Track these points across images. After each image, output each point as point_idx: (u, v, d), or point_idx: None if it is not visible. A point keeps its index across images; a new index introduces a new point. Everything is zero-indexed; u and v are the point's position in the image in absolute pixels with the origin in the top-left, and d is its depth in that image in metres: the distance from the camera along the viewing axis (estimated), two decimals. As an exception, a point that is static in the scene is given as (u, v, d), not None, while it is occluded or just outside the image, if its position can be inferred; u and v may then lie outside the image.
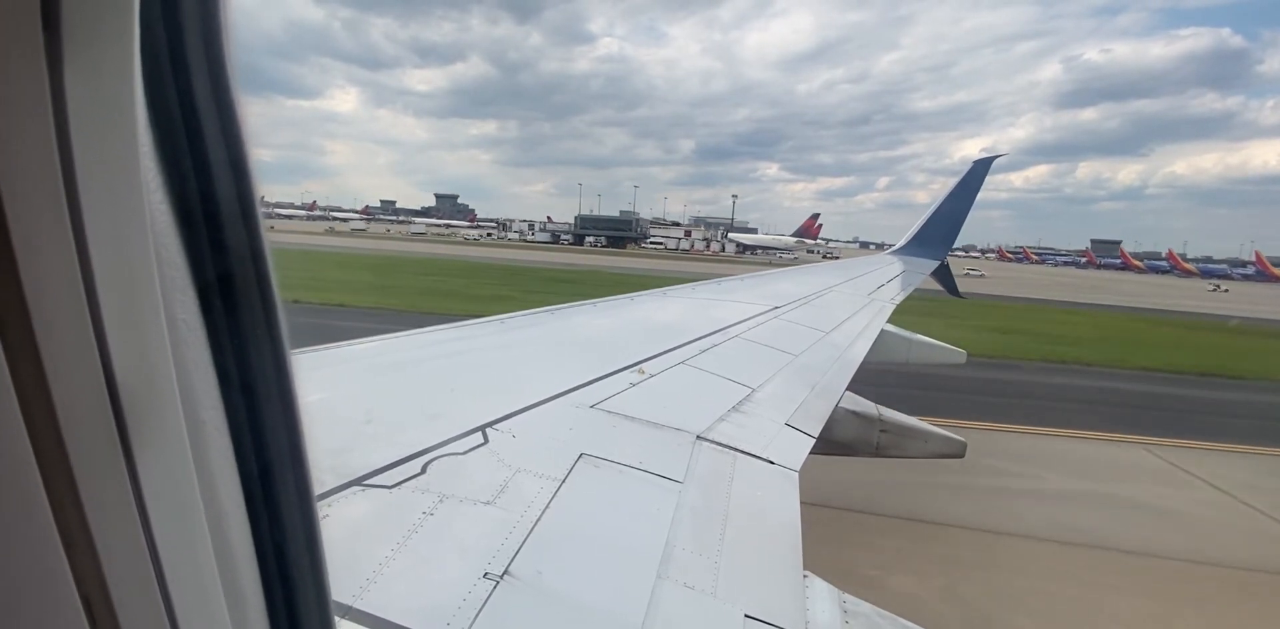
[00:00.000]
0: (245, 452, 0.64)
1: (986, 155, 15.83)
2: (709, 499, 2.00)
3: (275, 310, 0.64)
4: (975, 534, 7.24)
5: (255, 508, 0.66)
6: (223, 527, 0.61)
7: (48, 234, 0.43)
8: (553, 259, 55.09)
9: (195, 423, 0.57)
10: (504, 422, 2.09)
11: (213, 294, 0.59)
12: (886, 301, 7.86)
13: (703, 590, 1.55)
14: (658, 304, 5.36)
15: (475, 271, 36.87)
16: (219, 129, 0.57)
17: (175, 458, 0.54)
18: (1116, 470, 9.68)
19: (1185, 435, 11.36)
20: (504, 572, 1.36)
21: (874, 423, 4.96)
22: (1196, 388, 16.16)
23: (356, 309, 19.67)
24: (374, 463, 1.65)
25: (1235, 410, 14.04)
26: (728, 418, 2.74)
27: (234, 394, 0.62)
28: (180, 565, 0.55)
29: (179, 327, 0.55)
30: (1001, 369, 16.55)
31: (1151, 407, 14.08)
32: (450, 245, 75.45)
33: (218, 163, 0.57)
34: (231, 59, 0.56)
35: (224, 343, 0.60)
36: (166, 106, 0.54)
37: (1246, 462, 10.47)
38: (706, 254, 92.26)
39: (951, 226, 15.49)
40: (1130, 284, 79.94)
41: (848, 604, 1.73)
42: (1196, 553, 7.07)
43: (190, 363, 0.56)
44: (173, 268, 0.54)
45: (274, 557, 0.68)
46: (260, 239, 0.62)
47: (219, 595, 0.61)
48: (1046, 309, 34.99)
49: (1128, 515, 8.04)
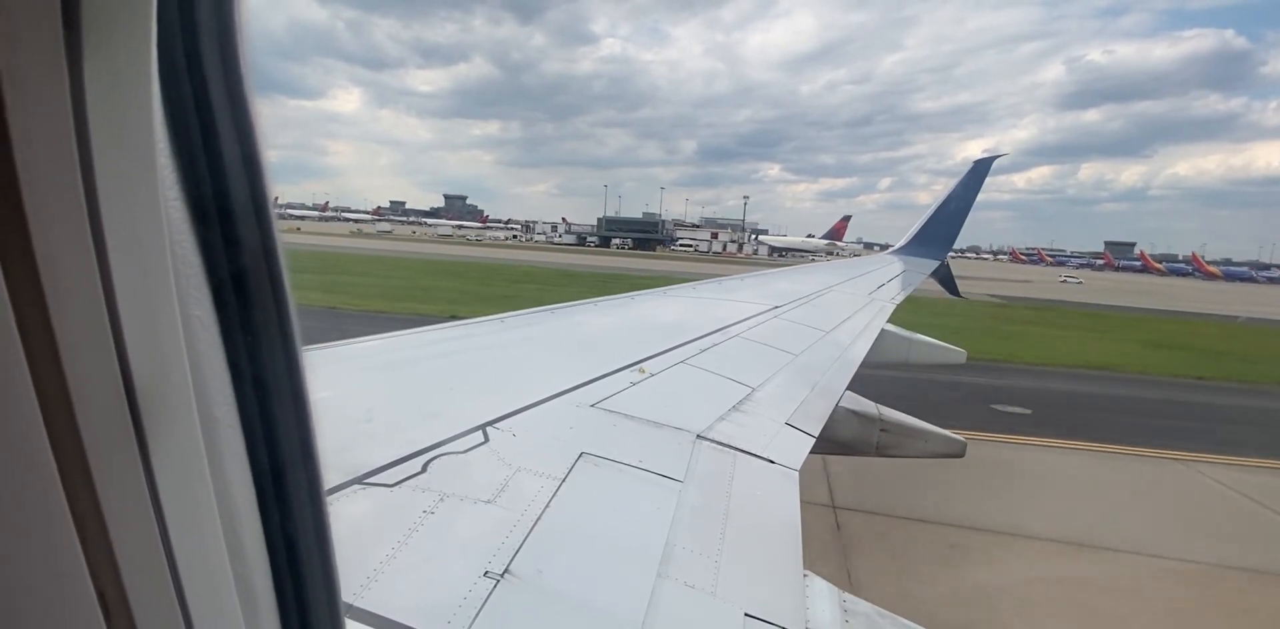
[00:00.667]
0: (258, 448, 0.64)
1: (987, 155, 15.83)
2: (709, 498, 2.00)
3: (288, 308, 0.64)
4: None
5: (267, 504, 0.66)
6: (235, 522, 0.62)
7: (66, 231, 0.43)
8: (599, 263, 53.89)
9: (209, 419, 0.57)
10: (504, 420, 2.09)
11: (226, 291, 0.59)
12: (887, 301, 7.86)
13: (703, 589, 1.55)
14: (658, 303, 5.37)
15: (551, 278, 35.96)
16: (233, 128, 0.57)
17: (189, 454, 0.55)
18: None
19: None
20: (504, 570, 1.36)
21: (874, 422, 4.96)
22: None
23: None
24: (375, 461, 1.65)
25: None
26: (728, 417, 2.74)
27: (247, 391, 0.62)
28: (193, 560, 0.55)
29: (193, 323, 0.55)
30: (1236, 394, 15.35)
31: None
32: (486, 249, 73.41)
33: (232, 161, 0.58)
34: (246, 59, 0.57)
35: (237, 340, 0.61)
36: (182, 105, 0.54)
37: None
38: (740, 257, 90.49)
39: (952, 226, 15.49)
40: (1186, 289, 77.20)
41: (848, 603, 1.74)
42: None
43: (204, 359, 0.57)
44: (187, 265, 0.55)
45: (285, 553, 0.69)
46: (274, 237, 0.62)
47: (231, 590, 0.62)
48: (1159, 319, 33.56)
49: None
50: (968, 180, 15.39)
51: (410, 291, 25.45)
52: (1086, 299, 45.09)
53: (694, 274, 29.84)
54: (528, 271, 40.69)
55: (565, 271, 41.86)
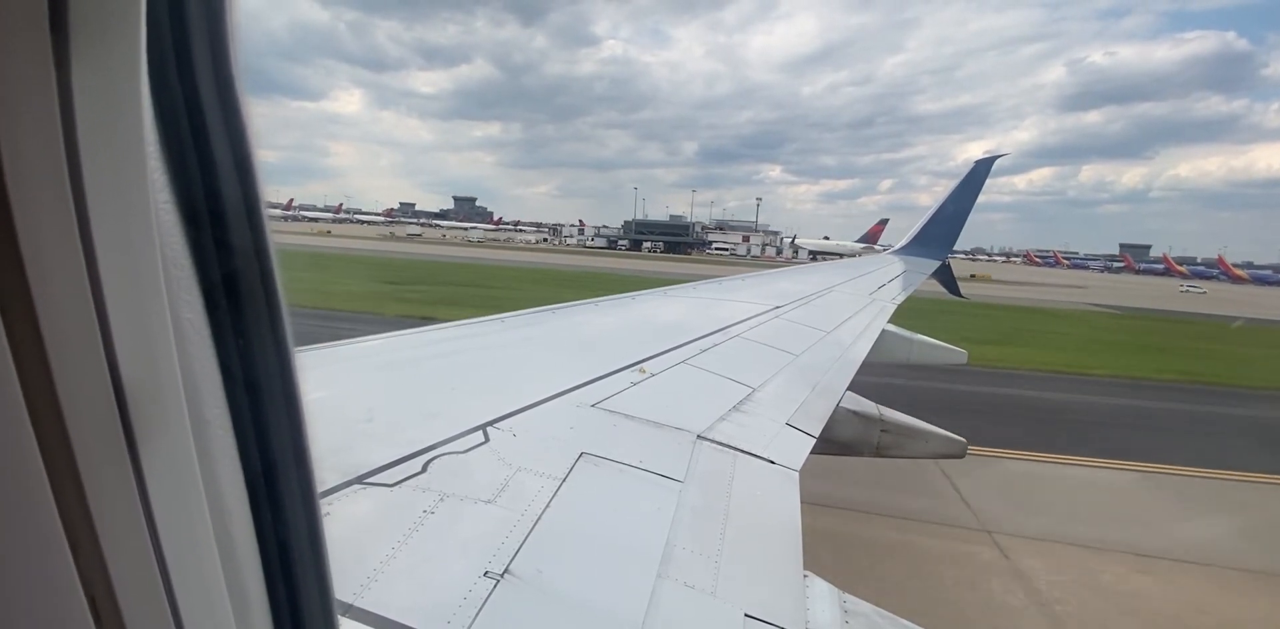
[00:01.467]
0: (249, 450, 0.64)
1: (988, 156, 15.81)
2: (709, 499, 2.00)
3: (279, 309, 0.64)
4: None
5: (259, 505, 0.66)
6: (227, 524, 0.61)
7: (54, 232, 0.43)
8: (646, 268, 50.92)
9: (200, 421, 0.57)
10: (505, 420, 2.09)
11: (218, 293, 0.59)
12: (888, 302, 7.85)
13: (703, 590, 1.55)
14: (659, 303, 5.36)
15: (624, 284, 31.84)
16: (224, 128, 0.57)
17: (180, 456, 0.54)
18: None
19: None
20: (504, 570, 1.36)
21: (875, 423, 4.96)
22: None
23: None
24: (375, 461, 1.65)
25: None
26: (728, 417, 2.74)
27: (238, 392, 0.62)
28: (185, 563, 0.55)
29: (184, 325, 0.55)
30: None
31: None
32: (529, 252, 70.23)
33: (223, 162, 0.57)
34: (237, 59, 0.56)
35: (228, 341, 0.61)
36: (172, 106, 0.54)
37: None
38: (780, 261, 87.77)
39: (953, 227, 15.47)
40: (1257, 296, 73.46)
41: (848, 604, 1.73)
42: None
43: (195, 361, 0.57)
44: (178, 267, 0.55)
45: (277, 554, 0.69)
46: (265, 238, 0.62)
47: (223, 593, 0.61)
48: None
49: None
50: (968, 181, 15.37)
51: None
52: (1211, 310, 41.11)
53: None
54: (623, 279, 37.07)
55: (657, 278, 38.32)
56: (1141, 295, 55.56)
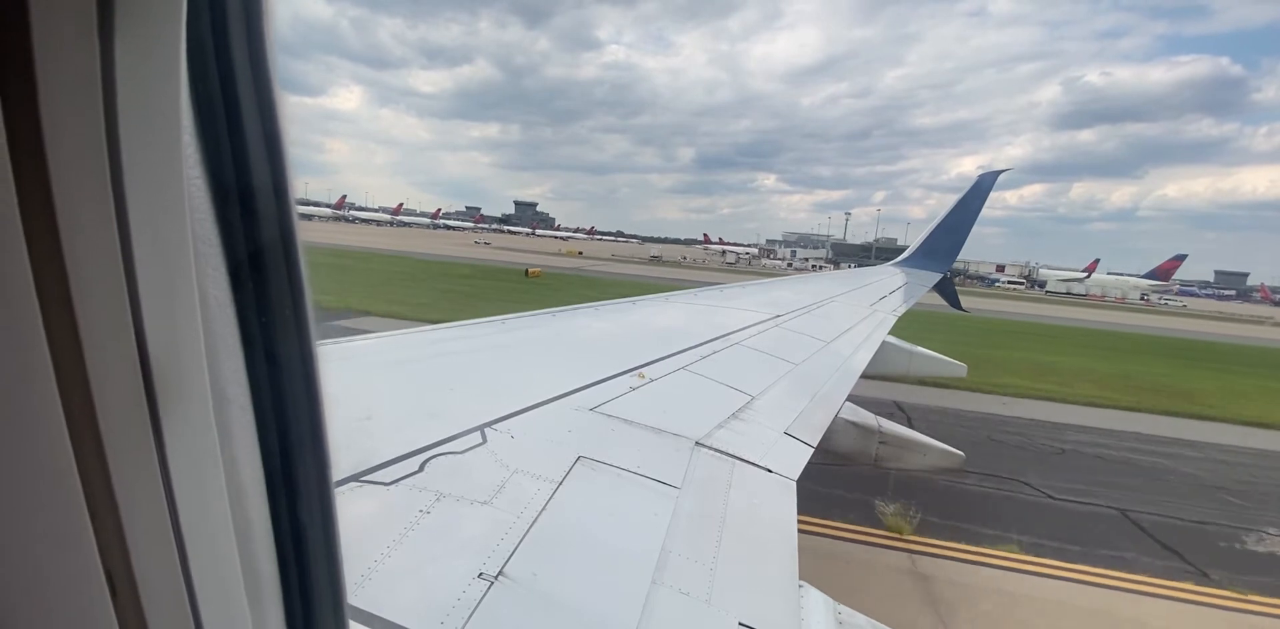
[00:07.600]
0: (267, 428, 0.65)
1: (990, 170, 15.87)
2: (706, 506, 1.99)
3: (303, 292, 0.65)
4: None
5: (274, 484, 0.66)
6: (243, 502, 0.62)
7: (90, 207, 0.44)
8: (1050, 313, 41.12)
9: (220, 398, 0.57)
10: (503, 422, 2.09)
11: (243, 273, 0.60)
12: (888, 313, 7.85)
13: (697, 597, 1.54)
14: (659, 309, 5.36)
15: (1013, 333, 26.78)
16: (257, 112, 0.58)
17: (200, 432, 0.55)
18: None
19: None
20: (499, 572, 1.36)
21: (873, 434, 4.95)
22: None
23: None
24: (372, 459, 1.64)
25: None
26: (727, 425, 2.73)
27: (259, 372, 0.63)
28: (200, 539, 0.56)
29: (210, 303, 0.56)
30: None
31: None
32: (727, 274, 54.80)
33: (255, 145, 0.58)
34: (271, 41, 0.57)
35: (251, 321, 0.61)
36: (208, 84, 0.55)
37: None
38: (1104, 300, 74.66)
39: (956, 240, 15.51)
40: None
41: (843, 615, 1.72)
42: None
43: (218, 339, 0.57)
44: (207, 245, 0.55)
45: (290, 532, 0.69)
46: (292, 221, 0.62)
47: (236, 570, 0.62)
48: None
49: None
50: (971, 194, 15.43)
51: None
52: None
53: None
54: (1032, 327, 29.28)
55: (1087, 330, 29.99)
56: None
